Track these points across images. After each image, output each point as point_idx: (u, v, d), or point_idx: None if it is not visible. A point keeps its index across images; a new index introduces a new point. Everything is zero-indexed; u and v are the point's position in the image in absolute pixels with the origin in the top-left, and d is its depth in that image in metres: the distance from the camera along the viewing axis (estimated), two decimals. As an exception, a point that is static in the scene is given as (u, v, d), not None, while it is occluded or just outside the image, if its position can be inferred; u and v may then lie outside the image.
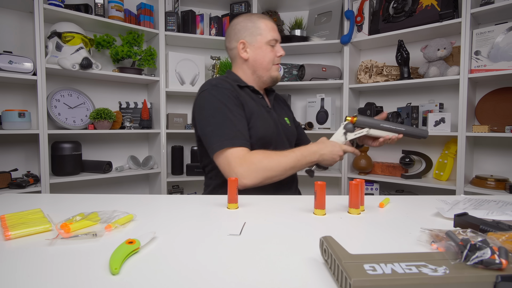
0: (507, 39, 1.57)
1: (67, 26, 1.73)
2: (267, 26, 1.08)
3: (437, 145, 1.99)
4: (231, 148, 0.91)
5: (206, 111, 0.98)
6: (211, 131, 0.95)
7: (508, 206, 0.66)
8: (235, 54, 1.11)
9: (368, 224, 0.60)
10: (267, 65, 1.09)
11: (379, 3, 2.02)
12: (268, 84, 1.14)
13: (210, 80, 1.04)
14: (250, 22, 1.08)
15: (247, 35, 1.07)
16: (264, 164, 0.90)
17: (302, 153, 0.95)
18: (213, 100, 0.97)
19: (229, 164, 0.90)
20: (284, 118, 1.16)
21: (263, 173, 0.90)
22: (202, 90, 1.02)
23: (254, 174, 0.89)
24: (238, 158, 0.90)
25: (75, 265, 0.42)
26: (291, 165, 0.93)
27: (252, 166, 0.89)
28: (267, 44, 1.07)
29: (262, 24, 1.07)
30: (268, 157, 0.92)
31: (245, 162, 0.89)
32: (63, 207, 0.71)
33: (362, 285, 0.32)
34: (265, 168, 0.90)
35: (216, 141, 0.93)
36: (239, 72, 1.12)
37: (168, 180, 2.10)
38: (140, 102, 2.18)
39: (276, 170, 0.92)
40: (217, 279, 0.39)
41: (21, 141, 1.77)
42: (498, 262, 0.34)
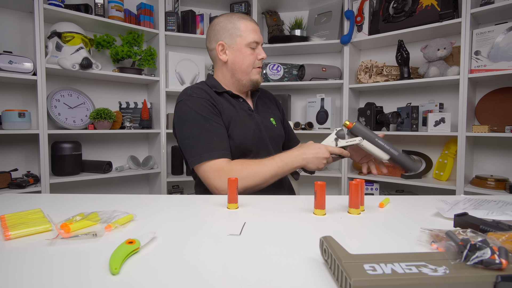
0: (507, 39, 1.57)
1: (67, 26, 1.73)
2: (247, 27, 1.03)
3: (437, 145, 1.99)
4: (209, 161, 0.91)
5: (182, 123, 0.96)
6: (188, 144, 0.94)
7: (508, 206, 0.66)
8: (214, 55, 1.08)
9: (368, 224, 0.60)
10: (247, 69, 1.05)
11: (379, 3, 2.02)
12: (248, 88, 1.10)
13: (186, 89, 1.02)
14: (229, 23, 1.03)
15: (226, 36, 1.03)
16: (243, 174, 0.88)
17: (283, 159, 0.93)
18: (188, 111, 0.96)
19: (208, 177, 0.90)
20: (270, 119, 1.13)
21: (242, 183, 0.88)
22: (178, 101, 1.00)
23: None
24: (217, 171, 0.89)
25: (75, 265, 0.42)
26: (272, 173, 0.91)
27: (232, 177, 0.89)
28: (247, 46, 1.03)
29: (242, 25, 1.02)
30: (247, 167, 0.90)
31: (223, 174, 0.88)
32: (63, 207, 0.71)
33: (362, 285, 0.32)
34: (244, 179, 0.88)
35: (194, 154, 0.92)
36: (219, 75, 1.10)
37: (168, 180, 2.10)
38: (140, 102, 2.18)
39: (255, 180, 0.89)
40: (217, 279, 0.39)
41: (21, 141, 1.77)
42: (498, 262, 0.34)
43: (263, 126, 1.08)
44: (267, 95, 1.23)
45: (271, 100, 1.23)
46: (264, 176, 0.90)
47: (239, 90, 1.10)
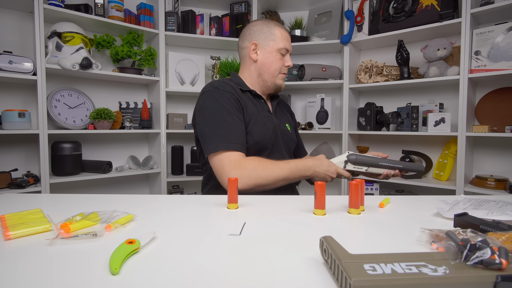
0: (507, 39, 1.57)
1: (67, 26, 1.73)
2: (282, 34, 1.09)
3: (437, 145, 1.99)
4: (226, 151, 0.92)
5: (205, 112, 0.99)
6: (208, 132, 0.96)
7: (508, 206, 0.66)
8: (245, 53, 1.12)
9: (368, 224, 0.60)
10: (274, 72, 1.10)
11: (379, 3, 2.02)
12: (271, 91, 1.14)
13: (213, 82, 1.05)
14: (266, 27, 1.10)
15: (261, 38, 1.09)
16: (258, 171, 0.91)
17: (297, 166, 0.96)
18: (213, 101, 0.98)
19: (223, 167, 0.91)
20: (286, 124, 1.17)
21: (255, 180, 0.90)
22: (204, 91, 1.03)
23: (246, 180, 0.89)
24: (232, 162, 0.91)
25: (75, 265, 0.42)
26: (284, 176, 0.94)
27: (245, 172, 0.90)
28: (278, 51, 1.09)
29: (278, 32, 1.09)
30: (263, 165, 0.92)
31: (238, 167, 0.90)
32: (63, 207, 0.71)
33: (362, 285, 0.32)
34: (258, 176, 0.90)
35: (212, 143, 0.94)
36: (245, 73, 1.13)
37: (168, 180, 2.10)
38: (140, 102, 2.18)
39: (268, 180, 0.92)
40: (217, 279, 0.39)
41: (21, 141, 1.77)
42: (498, 262, 0.34)
43: (279, 129, 1.12)
44: (284, 104, 1.28)
45: (286, 109, 1.28)
46: (277, 178, 0.93)
47: (262, 91, 1.14)
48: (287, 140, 1.14)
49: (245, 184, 0.90)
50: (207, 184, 1.11)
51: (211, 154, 0.94)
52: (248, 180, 0.89)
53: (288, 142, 1.16)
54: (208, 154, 0.95)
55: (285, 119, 1.20)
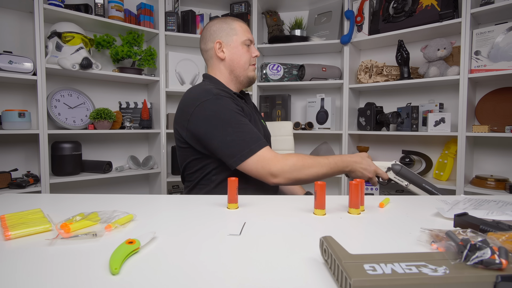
0: (507, 39, 1.57)
1: (67, 26, 1.73)
2: (242, 27, 1.10)
3: (437, 145, 1.99)
4: (259, 151, 0.91)
5: (219, 122, 0.93)
6: (233, 140, 0.91)
7: (508, 206, 0.66)
8: (211, 55, 1.11)
9: (368, 224, 0.60)
10: (244, 65, 1.10)
11: (379, 3, 2.02)
12: (245, 85, 1.15)
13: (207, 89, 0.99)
14: (224, 24, 1.10)
15: (223, 35, 1.09)
16: (298, 167, 0.91)
17: (336, 162, 0.95)
18: (222, 110, 0.95)
19: (263, 167, 0.90)
20: (261, 121, 1.18)
21: (297, 175, 0.90)
22: (204, 101, 0.96)
23: (288, 175, 0.90)
24: (271, 159, 0.90)
25: (75, 265, 0.42)
26: (324, 172, 0.94)
27: (286, 166, 0.89)
28: (243, 44, 1.09)
29: (237, 25, 1.10)
30: (302, 161, 0.92)
31: (279, 162, 0.90)
32: (63, 207, 0.71)
33: (362, 285, 0.32)
34: (299, 172, 0.90)
35: (243, 148, 0.90)
36: (217, 74, 1.11)
37: (168, 180, 2.10)
38: (140, 102, 2.18)
39: (308, 176, 0.92)
40: (217, 279, 0.39)
41: (21, 141, 1.77)
42: (498, 262, 0.34)
43: (262, 126, 1.14)
44: (250, 100, 1.26)
45: (254, 105, 1.28)
46: (316, 174, 0.93)
47: (237, 88, 1.14)
48: (268, 136, 1.18)
49: (286, 179, 0.90)
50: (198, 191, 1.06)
51: (245, 160, 0.90)
52: (289, 175, 0.89)
53: (269, 137, 1.19)
54: (242, 161, 0.90)
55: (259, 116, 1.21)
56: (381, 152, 2.22)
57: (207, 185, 1.04)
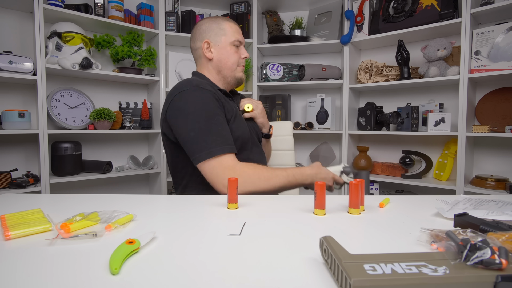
0: (507, 39, 1.57)
1: (67, 26, 1.73)
2: (231, 27, 1.09)
3: (437, 145, 1.99)
4: (220, 156, 0.87)
5: (188, 114, 0.91)
6: (194, 137, 0.89)
7: (508, 206, 0.66)
8: (199, 54, 1.10)
9: (368, 224, 0.60)
10: (232, 66, 1.09)
11: (379, 3, 2.02)
12: (233, 86, 1.15)
13: (188, 79, 0.98)
14: (214, 23, 1.08)
15: (211, 35, 1.07)
16: (253, 180, 0.88)
17: (295, 175, 0.94)
18: (196, 102, 0.92)
19: (217, 175, 0.87)
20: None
21: (251, 187, 0.87)
22: (181, 91, 0.95)
23: (241, 188, 0.86)
24: (227, 169, 0.87)
25: (75, 265, 0.42)
26: (281, 184, 0.92)
27: (240, 179, 0.85)
28: (231, 44, 1.08)
29: (227, 26, 1.08)
30: (259, 173, 0.89)
31: (233, 174, 0.86)
32: (63, 207, 0.71)
33: (362, 285, 0.32)
34: (253, 184, 0.88)
35: (202, 149, 0.87)
36: (205, 72, 1.10)
37: (168, 180, 2.10)
38: (140, 102, 2.18)
39: (263, 188, 0.89)
40: (217, 279, 0.39)
41: (21, 141, 1.77)
42: (498, 262, 0.34)
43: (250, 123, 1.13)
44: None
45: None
46: (273, 186, 0.91)
47: (225, 88, 1.14)
48: (258, 134, 1.17)
49: (240, 191, 0.86)
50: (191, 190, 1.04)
51: (203, 161, 0.87)
52: (243, 188, 0.86)
53: (259, 135, 1.17)
54: (199, 161, 0.88)
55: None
56: (381, 152, 2.22)
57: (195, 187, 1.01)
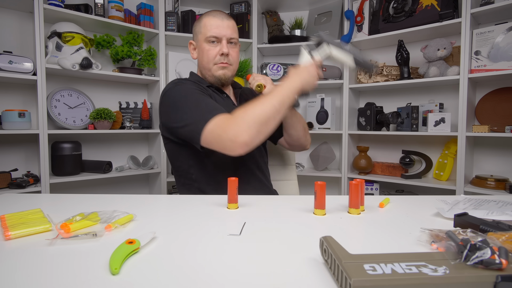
0: (507, 39, 1.57)
1: (67, 26, 1.72)
2: (209, 22, 1.01)
3: (437, 145, 1.99)
4: (212, 119, 0.83)
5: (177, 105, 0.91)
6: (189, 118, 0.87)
7: (508, 206, 0.66)
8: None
9: (368, 224, 0.60)
10: (207, 65, 1.03)
11: (379, 3, 2.02)
12: (218, 84, 1.07)
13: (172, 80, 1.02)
14: (198, 22, 1.05)
15: (194, 34, 1.07)
16: (249, 114, 0.80)
17: (283, 87, 0.85)
18: (180, 92, 0.93)
19: (218, 134, 0.81)
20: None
21: (256, 121, 0.79)
22: (166, 90, 0.98)
23: (247, 129, 0.78)
24: (223, 123, 0.81)
25: (75, 265, 0.42)
26: (278, 100, 0.82)
27: (240, 121, 0.79)
28: (206, 41, 1.01)
29: (205, 21, 1.02)
30: (248, 108, 0.81)
31: (231, 122, 0.80)
32: (63, 207, 0.71)
33: (362, 285, 0.32)
34: (253, 117, 0.79)
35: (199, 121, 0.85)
36: (198, 72, 1.12)
37: (168, 180, 2.10)
38: (140, 102, 2.18)
39: (264, 114, 0.80)
40: (217, 279, 0.39)
41: (21, 141, 1.77)
42: (498, 262, 0.34)
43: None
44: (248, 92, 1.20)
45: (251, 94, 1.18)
46: (273, 107, 0.81)
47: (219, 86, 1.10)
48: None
49: (249, 132, 0.78)
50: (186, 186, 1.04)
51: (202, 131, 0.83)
52: (248, 128, 0.78)
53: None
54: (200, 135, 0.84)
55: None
56: (381, 152, 2.22)
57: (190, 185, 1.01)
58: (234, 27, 1.05)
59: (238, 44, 1.08)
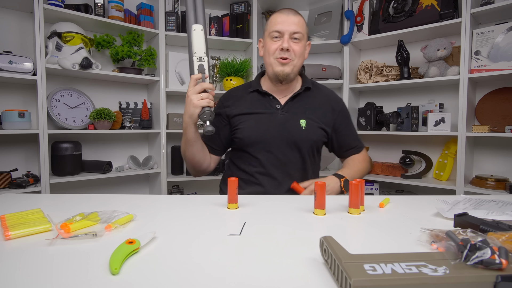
0: (507, 39, 1.57)
1: (67, 26, 1.72)
2: (275, 18, 1.04)
3: (437, 145, 1.99)
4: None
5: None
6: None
7: (508, 206, 0.66)
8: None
9: (368, 224, 0.60)
10: (268, 59, 1.06)
11: (379, 3, 2.02)
12: (277, 81, 1.07)
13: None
14: (268, 19, 1.10)
15: (264, 32, 1.11)
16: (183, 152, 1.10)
17: (184, 137, 1.06)
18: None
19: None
20: (300, 121, 1.07)
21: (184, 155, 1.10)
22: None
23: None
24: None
25: (75, 265, 0.42)
26: (184, 150, 1.08)
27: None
28: (269, 37, 1.05)
29: (272, 17, 1.06)
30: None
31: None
32: (63, 207, 0.71)
33: (362, 285, 0.32)
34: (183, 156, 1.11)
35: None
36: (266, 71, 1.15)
37: (168, 180, 2.10)
38: (140, 102, 2.18)
39: (183, 154, 1.10)
40: (217, 279, 0.39)
41: (21, 141, 1.77)
42: (498, 262, 0.34)
43: (284, 125, 1.06)
44: (320, 96, 1.15)
45: (322, 103, 1.14)
46: (185, 154, 1.10)
47: (270, 83, 1.12)
48: (294, 138, 1.06)
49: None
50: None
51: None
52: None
53: (297, 140, 1.06)
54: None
55: (302, 115, 1.09)
56: (381, 152, 2.22)
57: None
58: (300, 23, 1.04)
59: (305, 40, 1.07)
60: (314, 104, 1.12)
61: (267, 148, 1.06)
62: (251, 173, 1.07)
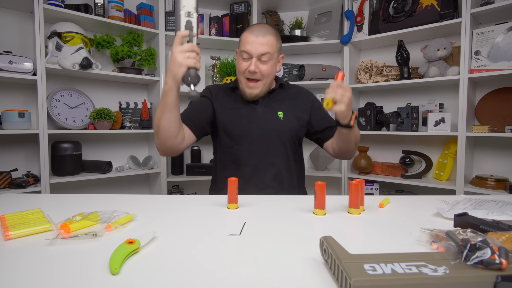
0: (507, 39, 1.57)
1: (67, 26, 1.72)
2: (246, 37, 1.06)
3: (437, 145, 1.99)
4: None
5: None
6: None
7: (508, 206, 0.66)
8: None
9: (368, 224, 0.60)
10: (238, 76, 1.11)
11: (379, 3, 2.02)
12: (248, 98, 1.13)
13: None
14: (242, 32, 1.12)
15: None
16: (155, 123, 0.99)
17: (162, 99, 0.95)
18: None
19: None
20: (277, 113, 1.15)
21: (155, 129, 0.99)
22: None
23: (155, 138, 1.02)
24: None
25: (75, 265, 0.42)
26: (160, 115, 0.94)
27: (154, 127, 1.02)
28: (240, 55, 1.09)
29: (244, 35, 1.08)
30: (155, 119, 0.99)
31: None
32: (63, 207, 0.71)
33: (362, 285, 0.32)
34: (154, 124, 1.01)
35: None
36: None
37: (168, 180, 2.10)
38: (140, 102, 2.18)
39: (156, 120, 0.96)
40: (217, 279, 0.39)
41: (21, 141, 1.77)
42: (498, 262, 0.34)
43: (263, 117, 1.14)
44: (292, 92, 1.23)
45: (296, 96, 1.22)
46: (159, 119, 0.95)
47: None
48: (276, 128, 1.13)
49: (156, 141, 1.03)
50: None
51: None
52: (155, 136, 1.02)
53: (278, 130, 1.13)
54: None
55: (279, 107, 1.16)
56: (381, 152, 2.22)
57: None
58: (270, 43, 1.05)
59: (274, 58, 1.09)
60: (288, 98, 1.20)
61: (250, 140, 1.11)
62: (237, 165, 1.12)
